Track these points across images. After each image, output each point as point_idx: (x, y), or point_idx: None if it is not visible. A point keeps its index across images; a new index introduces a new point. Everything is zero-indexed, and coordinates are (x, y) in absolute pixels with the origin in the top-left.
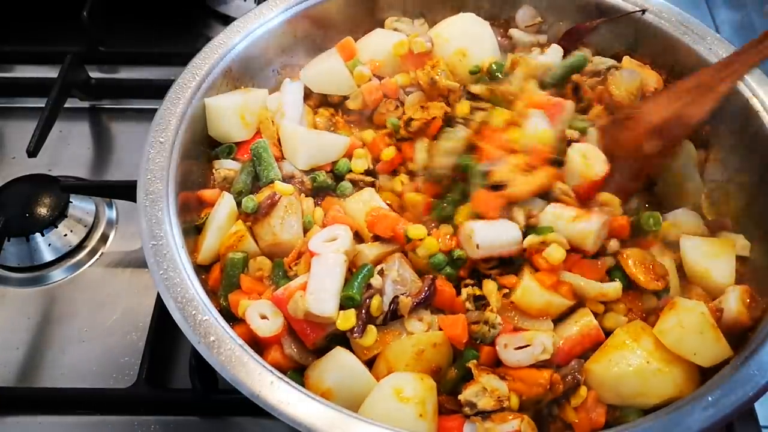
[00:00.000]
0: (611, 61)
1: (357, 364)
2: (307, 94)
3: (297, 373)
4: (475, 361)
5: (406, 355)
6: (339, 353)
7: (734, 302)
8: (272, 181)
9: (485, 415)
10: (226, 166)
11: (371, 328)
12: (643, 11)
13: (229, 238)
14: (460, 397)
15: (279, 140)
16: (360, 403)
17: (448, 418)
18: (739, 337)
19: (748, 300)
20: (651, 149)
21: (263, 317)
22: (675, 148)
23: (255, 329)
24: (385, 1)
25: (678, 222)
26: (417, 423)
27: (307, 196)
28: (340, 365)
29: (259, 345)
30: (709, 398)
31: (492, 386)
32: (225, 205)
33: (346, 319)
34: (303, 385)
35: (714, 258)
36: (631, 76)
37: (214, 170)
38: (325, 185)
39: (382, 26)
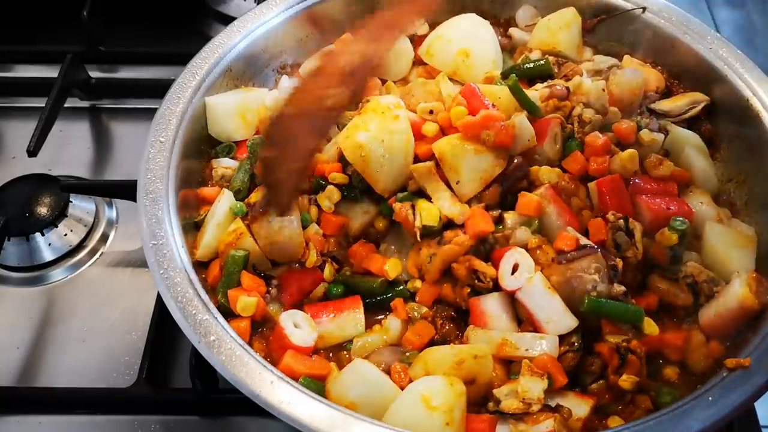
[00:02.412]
0: (613, 60)
1: (378, 374)
2: None
3: (308, 379)
4: (528, 361)
5: (446, 364)
6: (358, 365)
7: (739, 286)
8: None
9: (506, 415)
10: (223, 165)
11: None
12: (644, 9)
13: (229, 235)
14: (494, 390)
15: None
16: (384, 412)
17: (479, 418)
18: (748, 324)
19: (755, 285)
20: (340, 97)
21: (296, 326)
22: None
23: (289, 335)
24: (386, 1)
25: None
26: (443, 431)
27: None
28: (360, 377)
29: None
30: (710, 398)
31: (525, 387)
32: (225, 202)
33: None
34: (318, 392)
35: (736, 247)
36: (632, 75)
37: (212, 168)
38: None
39: None
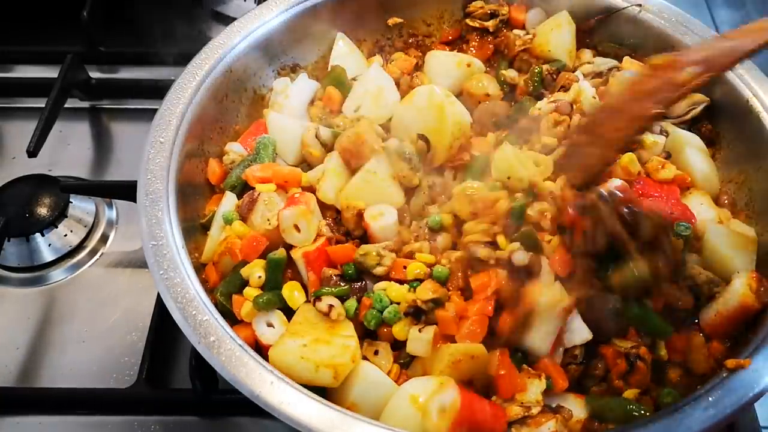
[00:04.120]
0: (613, 62)
1: (378, 374)
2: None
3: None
4: (525, 365)
5: (442, 363)
6: (359, 365)
7: (740, 286)
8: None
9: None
10: (235, 150)
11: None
12: (640, 5)
13: (220, 245)
14: (493, 398)
15: None
16: None
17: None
18: (748, 324)
19: (755, 285)
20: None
21: (269, 325)
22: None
23: (259, 336)
24: (388, 1)
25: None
26: (435, 430)
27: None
28: (361, 378)
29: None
30: (710, 398)
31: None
32: (226, 206)
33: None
34: (318, 393)
35: (736, 248)
36: (633, 77)
37: (225, 151)
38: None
39: (384, 26)
